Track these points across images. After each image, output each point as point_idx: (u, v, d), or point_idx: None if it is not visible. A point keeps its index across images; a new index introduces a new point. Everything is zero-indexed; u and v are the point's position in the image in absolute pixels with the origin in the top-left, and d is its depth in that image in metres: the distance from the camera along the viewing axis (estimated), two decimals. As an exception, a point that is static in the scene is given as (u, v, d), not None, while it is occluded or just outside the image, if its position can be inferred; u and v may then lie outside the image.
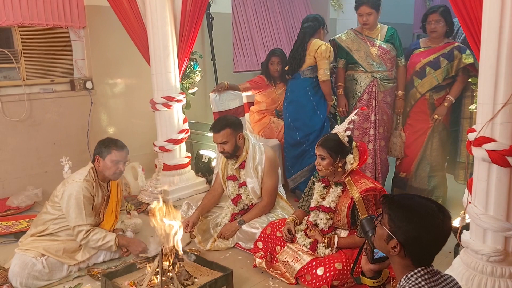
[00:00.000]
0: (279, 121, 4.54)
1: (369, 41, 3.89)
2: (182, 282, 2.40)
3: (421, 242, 1.42)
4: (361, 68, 3.89)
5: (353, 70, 3.95)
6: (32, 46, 4.34)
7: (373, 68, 3.85)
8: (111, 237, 2.86)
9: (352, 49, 3.90)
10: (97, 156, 2.88)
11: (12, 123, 4.21)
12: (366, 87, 3.87)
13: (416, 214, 1.43)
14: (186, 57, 4.22)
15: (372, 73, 3.85)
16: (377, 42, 3.89)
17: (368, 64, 3.85)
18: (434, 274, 1.45)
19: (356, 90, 3.92)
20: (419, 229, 1.41)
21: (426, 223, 1.42)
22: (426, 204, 1.47)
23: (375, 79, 3.85)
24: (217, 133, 3.14)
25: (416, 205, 1.47)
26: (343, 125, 2.66)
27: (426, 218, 1.42)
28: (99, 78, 4.76)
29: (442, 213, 1.44)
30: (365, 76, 3.88)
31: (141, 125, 4.97)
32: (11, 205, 3.98)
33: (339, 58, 4.01)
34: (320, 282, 2.44)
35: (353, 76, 3.94)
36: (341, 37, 3.97)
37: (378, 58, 3.84)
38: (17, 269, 2.61)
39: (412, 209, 1.46)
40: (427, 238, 1.41)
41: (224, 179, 3.34)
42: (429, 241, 1.42)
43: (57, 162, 3.62)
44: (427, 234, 1.41)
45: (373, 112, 3.88)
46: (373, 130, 3.90)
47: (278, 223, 2.91)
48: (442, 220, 1.43)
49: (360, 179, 2.62)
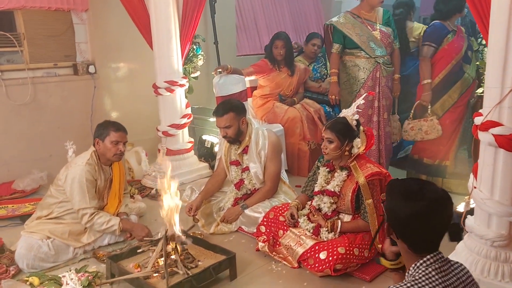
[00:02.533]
0: (282, 106, 4.52)
1: (369, 25, 3.82)
2: (186, 264, 2.42)
3: (399, 220, 1.41)
4: (363, 54, 3.82)
5: (354, 55, 3.87)
6: (35, 30, 4.32)
7: (376, 53, 3.80)
8: (115, 221, 2.88)
9: (353, 33, 3.81)
10: (96, 139, 2.90)
11: (16, 107, 4.21)
12: (370, 73, 3.82)
13: (394, 191, 1.44)
14: (189, 41, 4.18)
15: (376, 58, 3.80)
16: (377, 26, 3.84)
17: (370, 49, 3.79)
18: (444, 262, 1.41)
19: (359, 77, 3.86)
20: (395, 206, 1.42)
21: (400, 200, 1.41)
22: (408, 183, 1.47)
23: (378, 65, 3.81)
24: (220, 117, 3.13)
25: (398, 183, 1.47)
26: (351, 109, 2.64)
27: (402, 195, 1.41)
28: (102, 62, 4.74)
29: (421, 191, 1.40)
30: (367, 61, 3.82)
31: (144, 110, 4.96)
32: (16, 188, 4.01)
33: (335, 43, 3.92)
34: (323, 266, 2.45)
35: (355, 62, 3.88)
36: (339, 21, 3.87)
37: (380, 42, 3.80)
38: (24, 251, 2.64)
39: (392, 187, 1.47)
40: (404, 214, 1.39)
41: (227, 164, 3.34)
42: (408, 219, 1.39)
43: (61, 146, 3.63)
44: (400, 212, 1.40)
45: (376, 98, 3.84)
46: (376, 117, 3.88)
47: (281, 208, 2.91)
48: (420, 197, 1.39)
49: (365, 163, 2.61)
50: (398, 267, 1.62)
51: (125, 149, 2.98)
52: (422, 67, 3.76)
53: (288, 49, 4.50)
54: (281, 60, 4.52)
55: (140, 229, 2.95)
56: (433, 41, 3.70)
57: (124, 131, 2.94)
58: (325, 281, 2.50)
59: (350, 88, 3.94)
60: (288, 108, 4.47)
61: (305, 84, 4.83)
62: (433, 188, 1.43)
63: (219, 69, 4.25)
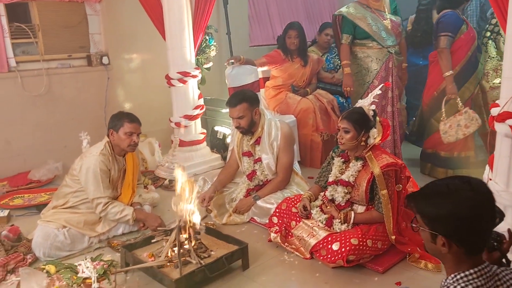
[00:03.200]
0: (295, 97, 4.50)
1: (379, 14, 3.77)
2: (199, 254, 2.44)
3: (463, 222, 1.26)
4: (375, 44, 3.77)
5: (365, 46, 3.83)
6: (49, 21, 4.36)
7: (387, 42, 3.76)
8: (128, 211, 2.91)
9: (364, 23, 3.76)
10: (111, 130, 2.93)
11: (31, 98, 4.26)
12: (383, 64, 3.79)
13: (441, 196, 1.30)
14: (201, 32, 4.18)
15: (388, 49, 3.76)
16: (387, 15, 3.80)
17: (382, 39, 3.75)
18: (489, 278, 1.28)
19: (371, 68, 3.82)
20: (452, 210, 1.26)
21: (455, 200, 1.27)
22: (447, 182, 1.32)
23: (391, 55, 3.78)
24: (233, 107, 3.13)
25: (437, 188, 1.33)
26: (368, 99, 2.62)
27: (452, 195, 1.28)
28: (115, 53, 4.76)
29: (468, 183, 1.29)
30: (380, 52, 3.79)
31: (157, 101, 4.98)
32: (32, 178, 4.07)
33: (344, 34, 3.87)
34: (335, 257, 2.45)
35: (367, 53, 3.83)
36: (349, 11, 3.82)
37: (390, 32, 3.76)
38: (40, 240, 2.69)
39: (435, 194, 1.32)
40: (465, 216, 1.25)
41: (240, 155, 3.34)
42: (470, 219, 1.25)
43: (76, 137, 3.67)
44: (462, 211, 1.25)
45: (390, 88, 3.81)
46: (390, 107, 3.85)
47: (294, 199, 2.91)
48: (471, 191, 1.27)
49: (381, 154, 2.60)
50: None
51: (139, 140, 3.00)
52: (442, 58, 3.58)
53: (301, 39, 4.47)
54: (294, 50, 4.49)
55: (153, 219, 2.98)
56: (451, 31, 3.56)
57: (138, 122, 2.96)
58: (337, 272, 2.50)
59: (362, 79, 3.91)
60: (301, 99, 4.45)
61: (318, 75, 4.79)
62: (472, 178, 1.32)
63: (231, 60, 4.24)
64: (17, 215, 3.40)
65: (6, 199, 3.66)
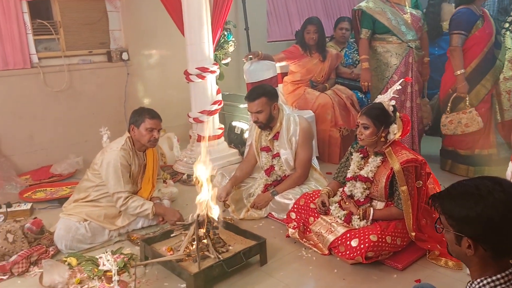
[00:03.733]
0: (313, 92, 4.47)
1: (399, 8, 3.73)
2: (217, 249, 2.46)
3: (492, 225, 1.20)
4: (395, 39, 3.73)
5: (384, 41, 3.79)
6: (71, 17, 4.43)
7: (407, 37, 3.71)
8: (148, 205, 2.94)
9: (383, 17, 3.72)
10: (132, 125, 2.95)
11: (53, 94, 4.34)
12: (403, 59, 3.74)
13: (471, 197, 1.23)
14: (220, 27, 4.18)
15: (408, 43, 3.72)
16: (407, 9, 3.75)
17: (402, 33, 3.70)
18: None
19: (391, 62, 3.79)
20: (482, 212, 1.20)
21: (486, 202, 1.20)
22: (477, 183, 1.26)
23: (411, 49, 3.74)
24: (252, 101, 3.12)
25: (466, 188, 1.26)
26: (388, 94, 2.59)
27: (483, 196, 1.21)
28: (135, 49, 4.81)
29: (499, 185, 1.22)
30: (400, 46, 3.74)
31: (176, 96, 5.02)
32: (54, 172, 4.15)
33: (363, 29, 3.84)
34: (354, 254, 2.43)
35: (386, 47, 3.79)
36: (369, 6, 3.78)
37: (411, 26, 3.71)
38: (62, 233, 2.74)
39: (463, 195, 1.25)
40: (496, 219, 1.19)
41: (258, 150, 3.34)
42: (501, 222, 1.19)
43: (96, 132, 3.73)
44: (494, 214, 1.19)
45: (409, 83, 3.77)
46: (409, 102, 3.81)
47: (312, 195, 2.90)
48: (502, 192, 1.20)
49: (400, 150, 2.57)
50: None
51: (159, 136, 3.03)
52: (454, 57, 3.56)
53: (320, 34, 4.44)
54: (313, 46, 4.46)
55: (172, 213, 3.01)
56: (463, 29, 3.53)
57: (158, 118, 2.98)
58: (356, 269, 2.49)
59: (381, 74, 3.87)
60: (319, 94, 4.42)
61: (337, 70, 4.76)
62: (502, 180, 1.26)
63: (250, 55, 4.24)
64: (39, 208, 3.47)
65: (29, 192, 3.74)
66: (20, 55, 4.09)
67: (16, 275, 2.49)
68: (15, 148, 4.20)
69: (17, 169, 4.11)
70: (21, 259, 2.53)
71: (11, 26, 4.00)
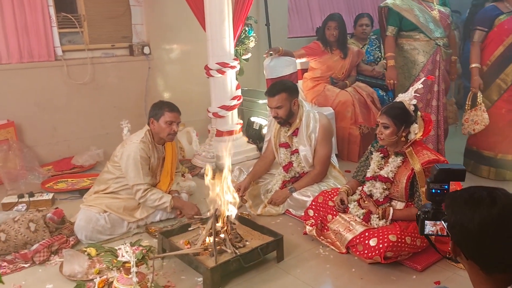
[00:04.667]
0: (333, 89, 4.43)
1: (427, 5, 3.67)
2: (234, 244, 2.46)
3: (466, 234, 1.20)
4: (423, 36, 3.67)
5: (411, 38, 3.73)
6: (94, 11, 4.48)
7: (435, 34, 3.64)
8: (167, 198, 2.97)
9: (411, 14, 3.66)
10: (151, 118, 2.98)
11: (76, 86, 4.41)
12: (430, 57, 3.68)
13: (461, 202, 1.24)
14: (241, 23, 4.18)
15: (435, 41, 3.65)
16: (435, 6, 3.69)
17: (430, 30, 3.64)
18: None
19: (418, 60, 3.73)
20: (461, 218, 1.21)
21: (467, 209, 1.21)
22: (474, 192, 1.25)
23: (438, 47, 3.67)
24: (272, 97, 3.11)
25: (464, 194, 1.27)
26: (409, 93, 2.54)
27: (467, 204, 1.22)
28: (156, 43, 4.85)
29: (493, 200, 1.19)
30: (427, 44, 3.68)
31: (195, 91, 5.04)
32: (75, 163, 4.22)
33: (390, 26, 3.78)
34: (372, 253, 2.41)
35: (413, 45, 3.73)
36: (395, 3, 3.72)
37: (439, 23, 3.65)
38: (83, 223, 2.79)
39: (458, 198, 1.26)
40: (471, 230, 1.18)
41: (276, 146, 3.33)
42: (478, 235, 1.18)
43: (117, 125, 3.77)
44: (469, 224, 1.19)
45: (436, 82, 3.71)
46: (436, 101, 3.75)
47: (331, 192, 2.88)
48: (489, 207, 1.18)
49: (422, 150, 2.52)
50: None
51: (178, 129, 3.05)
52: (472, 51, 3.64)
53: (341, 31, 4.40)
54: (334, 42, 4.42)
55: (190, 207, 3.03)
56: (484, 24, 3.56)
57: (178, 112, 3.01)
58: (374, 268, 2.46)
59: (408, 72, 3.82)
60: (340, 91, 4.38)
61: (358, 67, 4.71)
62: (504, 192, 1.23)
63: (270, 51, 4.23)
64: (60, 198, 3.54)
65: (51, 182, 3.82)
66: (45, 48, 4.16)
67: (37, 264, 2.54)
68: (38, 139, 4.28)
69: (40, 160, 4.19)
70: (42, 248, 2.58)
71: (36, 19, 4.07)
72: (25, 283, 2.37)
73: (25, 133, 4.20)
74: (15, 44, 4.02)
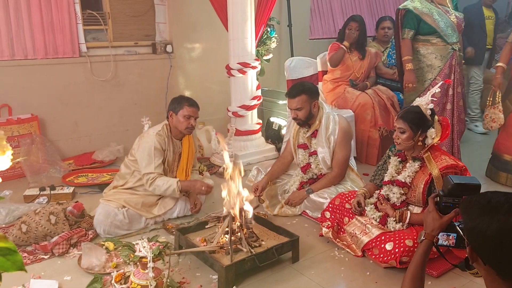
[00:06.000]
0: (353, 91, 4.41)
1: (444, 10, 3.64)
2: (250, 243, 2.47)
3: (484, 240, 1.20)
4: (440, 41, 3.64)
5: (429, 42, 3.70)
6: (119, 9, 4.55)
7: (452, 39, 3.63)
8: (173, 181, 2.94)
9: (431, 19, 3.63)
10: (170, 111, 3.02)
11: (99, 83, 4.49)
12: (447, 61, 3.66)
13: (478, 208, 1.25)
14: (263, 23, 4.19)
15: (452, 45, 3.64)
16: (451, 11, 3.67)
17: (448, 35, 3.62)
18: None
19: (435, 64, 3.70)
20: (478, 224, 1.22)
21: (485, 216, 1.21)
22: (491, 197, 1.26)
23: (454, 52, 3.66)
24: (293, 98, 3.11)
25: (480, 199, 1.27)
26: (426, 97, 2.51)
27: (486, 211, 1.22)
28: (179, 42, 4.89)
29: (509, 205, 1.20)
30: (444, 48, 3.66)
31: (215, 90, 5.07)
32: (96, 158, 4.30)
33: (407, 29, 3.73)
34: (388, 257, 2.39)
35: (431, 49, 3.70)
36: (416, 6, 3.68)
37: (455, 28, 3.64)
38: (102, 218, 2.83)
39: (475, 203, 1.27)
40: (490, 236, 1.18)
41: (295, 147, 3.33)
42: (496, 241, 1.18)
43: (137, 121, 3.82)
44: (488, 231, 1.19)
45: (451, 86, 3.69)
46: (450, 105, 3.73)
47: (348, 195, 2.86)
48: (507, 212, 1.18)
49: (440, 155, 2.49)
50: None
51: (196, 124, 3.08)
52: (503, 51, 3.75)
53: (361, 32, 4.38)
54: (353, 43, 4.40)
55: (199, 183, 3.00)
56: None
57: (196, 106, 3.04)
58: (389, 272, 2.44)
59: (423, 76, 3.78)
60: (360, 94, 4.36)
61: (379, 71, 4.68)
62: None
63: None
64: (81, 192, 3.61)
65: (72, 176, 3.90)
66: (70, 44, 4.25)
67: (57, 255, 2.60)
68: (61, 134, 4.37)
69: (61, 154, 4.28)
70: (62, 240, 2.64)
71: (62, 16, 4.16)
72: (44, 274, 2.42)
73: (48, 128, 4.29)
74: (41, 40, 4.12)
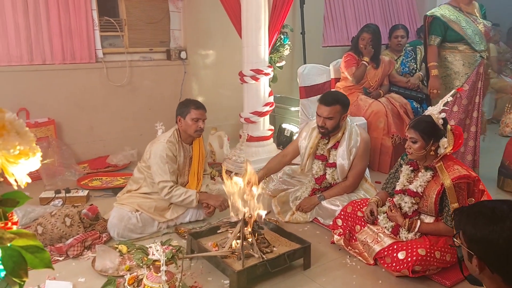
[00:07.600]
0: (366, 99, 4.41)
1: (472, 19, 3.64)
2: (261, 249, 2.48)
3: (497, 250, 1.23)
4: (468, 48, 3.64)
5: (456, 49, 3.70)
6: (135, 16, 4.63)
7: (480, 47, 3.62)
8: (192, 192, 3.00)
9: (458, 26, 3.63)
10: (178, 116, 3.06)
11: (114, 88, 4.55)
12: (475, 69, 3.66)
13: (483, 218, 1.27)
14: (277, 31, 4.21)
15: (480, 53, 3.63)
16: (479, 20, 3.66)
17: (475, 43, 3.62)
18: None
19: (462, 72, 3.70)
20: (488, 235, 1.24)
21: (494, 227, 1.24)
22: (495, 206, 1.29)
23: (482, 59, 3.65)
24: (327, 106, 3.05)
25: (483, 208, 1.30)
26: (438, 106, 2.49)
27: (493, 220, 1.24)
28: (193, 48, 4.95)
29: None
30: (472, 56, 3.66)
31: (228, 96, 5.11)
32: (110, 162, 4.35)
33: (434, 35, 3.74)
34: (400, 266, 2.38)
35: (458, 56, 3.70)
36: (443, 13, 3.69)
37: (483, 36, 3.62)
38: (115, 221, 2.87)
39: (478, 214, 1.30)
40: (500, 245, 1.21)
41: (310, 156, 3.27)
42: (506, 247, 1.21)
43: (151, 126, 3.86)
44: (499, 240, 1.22)
45: (478, 93, 3.69)
46: (476, 113, 3.72)
47: (360, 203, 2.85)
48: None
49: (453, 165, 2.45)
50: None
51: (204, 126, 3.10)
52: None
53: (375, 44, 4.37)
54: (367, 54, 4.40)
55: (215, 198, 3.06)
56: None
57: (203, 109, 3.07)
58: (401, 282, 2.43)
59: (450, 83, 3.78)
60: (373, 101, 4.36)
61: (393, 79, 4.67)
62: None
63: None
64: (95, 195, 3.65)
65: (86, 180, 3.95)
66: (87, 50, 4.33)
67: (71, 257, 2.63)
68: (76, 138, 4.44)
69: (76, 158, 4.35)
70: (76, 242, 2.67)
71: (80, 22, 4.25)
72: (59, 275, 2.45)
73: (64, 131, 4.36)
74: (59, 46, 4.20)
